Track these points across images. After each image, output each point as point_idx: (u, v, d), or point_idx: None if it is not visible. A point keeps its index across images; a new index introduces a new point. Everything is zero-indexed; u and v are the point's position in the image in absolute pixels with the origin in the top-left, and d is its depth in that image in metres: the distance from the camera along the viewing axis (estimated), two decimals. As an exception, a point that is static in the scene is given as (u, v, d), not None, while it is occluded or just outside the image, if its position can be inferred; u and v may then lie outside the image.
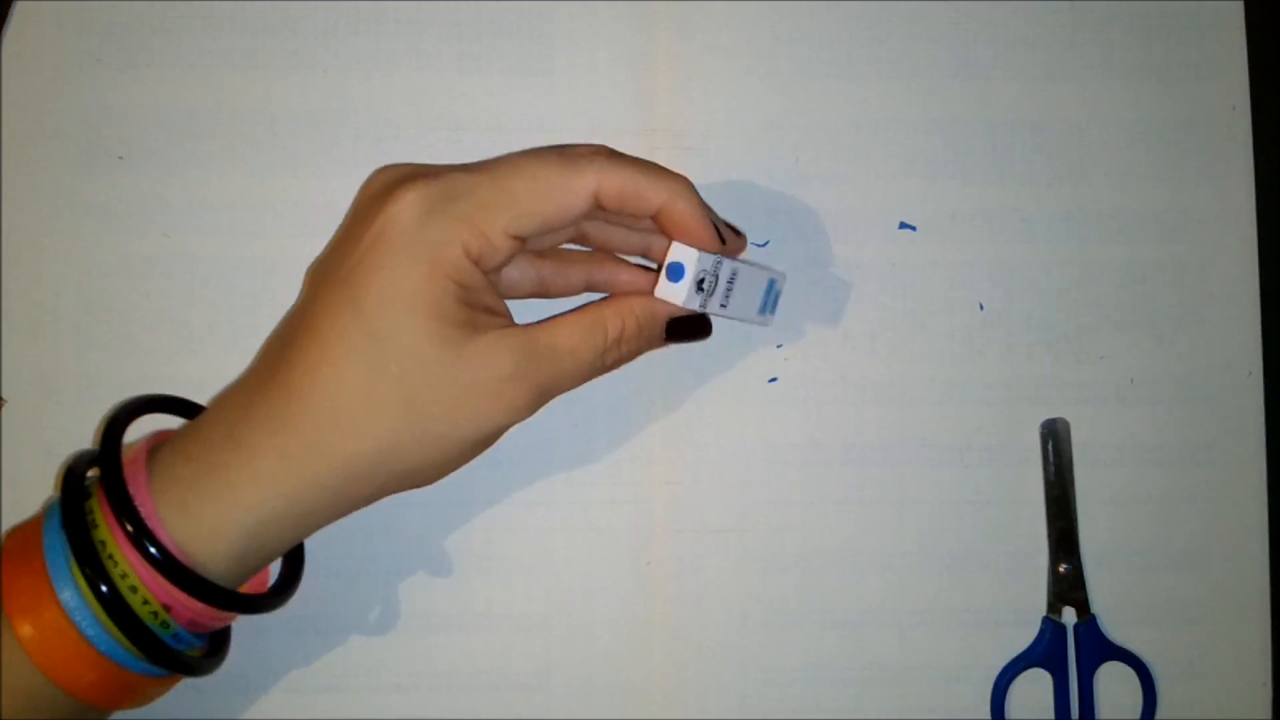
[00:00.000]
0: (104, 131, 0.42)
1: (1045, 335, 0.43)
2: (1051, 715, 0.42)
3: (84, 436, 0.41)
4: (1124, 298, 0.43)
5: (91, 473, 0.35)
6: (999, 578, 0.42)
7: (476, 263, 0.33)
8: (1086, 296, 0.43)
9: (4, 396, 0.41)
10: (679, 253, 0.36)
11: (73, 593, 0.32)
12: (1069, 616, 0.42)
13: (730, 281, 0.37)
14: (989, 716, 0.42)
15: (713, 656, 0.42)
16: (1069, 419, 0.43)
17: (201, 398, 0.41)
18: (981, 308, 0.43)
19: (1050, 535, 0.42)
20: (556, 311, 0.36)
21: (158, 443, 0.35)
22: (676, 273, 0.36)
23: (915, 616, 0.42)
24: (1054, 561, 0.42)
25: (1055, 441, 0.42)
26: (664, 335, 0.37)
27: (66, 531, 0.32)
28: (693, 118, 0.43)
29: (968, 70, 0.44)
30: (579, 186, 0.34)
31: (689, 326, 0.38)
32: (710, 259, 0.36)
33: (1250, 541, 0.43)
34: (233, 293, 0.42)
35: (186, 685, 0.36)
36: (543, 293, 0.38)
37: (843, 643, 0.42)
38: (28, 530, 0.34)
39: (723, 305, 0.37)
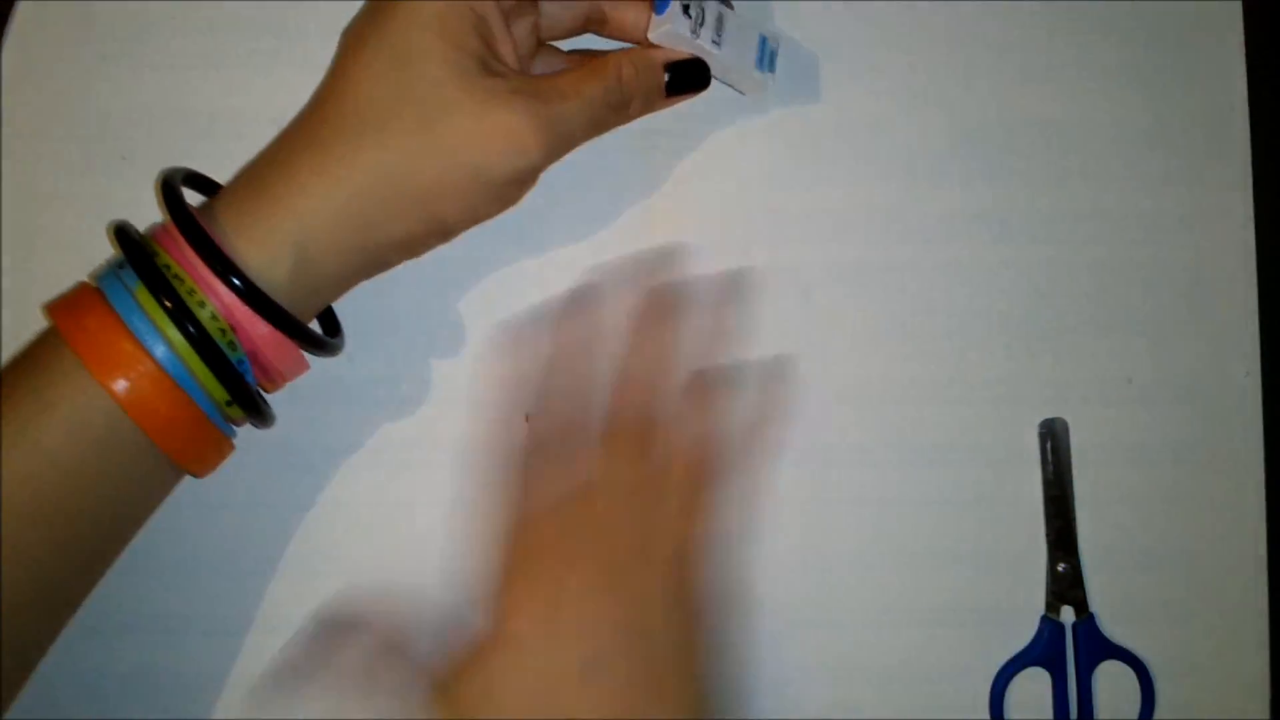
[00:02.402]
0: (108, 131, 0.42)
1: (1044, 335, 0.43)
2: (1050, 714, 0.42)
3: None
4: (1122, 298, 0.43)
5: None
6: (998, 577, 0.42)
7: None
8: (1084, 296, 0.43)
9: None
10: None
11: (140, 316, 0.34)
12: (1067, 615, 0.42)
13: (719, 20, 0.39)
14: (988, 716, 0.42)
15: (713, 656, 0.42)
16: (1067, 419, 0.43)
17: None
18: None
19: (1049, 534, 0.42)
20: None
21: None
22: (661, 4, 0.38)
23: (914, 616, 0.42)
24: (1052, 560, 0.42)
25: (1054, 441, 0.42)
26: (664, 88, 0.39)
27: (134, 266, 0.34)
28: (693, 118, 0.43)
29: (967, 71, 0.44)
30: None
31: (685, 74, 0.39)
32: None
33: (1248, 540, 0.43)
34: (233, 293, 0.42)
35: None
36: None
37: (842, 643, 0.42)
38: (75, 296, 0.35)
39: (715, 42, 0.39)
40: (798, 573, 0.42)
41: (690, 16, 0.38)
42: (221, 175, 0.42)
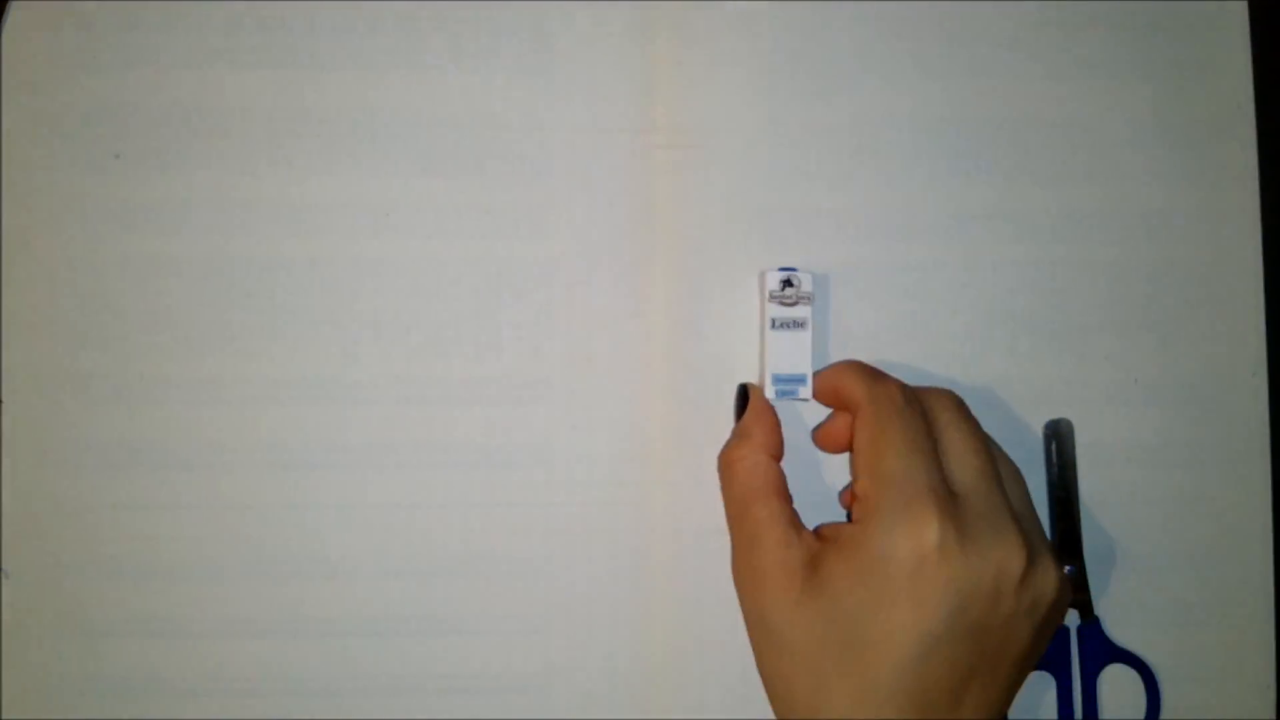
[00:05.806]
0: (101, 130, 0.42)
1: (1048, 335, 0.43)
2: (1055, 718, 0.42)
3: (82, 437, 0.41)
4: (1128, 297, 0.43)
5: None
6: (1001, 579, 0.42)
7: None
8: (1090, 296, 0.43)
9: (1, 396, 0.41)
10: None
11: None
12: (1072, 619, 0.42)
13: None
14: (992, 719, 0.42)
15: (713, 656, 0.41)
16: (1072, 419, 0.42)
17: (196, 399, 0.41)
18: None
19: (1053, 536, 0.42)
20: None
21: None
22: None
23: (917, 618, 0.42)
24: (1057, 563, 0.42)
25: (1059, 442, 0.42)
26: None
27: None
28: (693, 118, 0.43)
29: (969, 70, 0.44)
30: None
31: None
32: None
33: (1255, 542, 0.43)
34: (231, 292, 0.42)
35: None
36: None
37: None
38: None
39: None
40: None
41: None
42: (216, 176, 0.42)
